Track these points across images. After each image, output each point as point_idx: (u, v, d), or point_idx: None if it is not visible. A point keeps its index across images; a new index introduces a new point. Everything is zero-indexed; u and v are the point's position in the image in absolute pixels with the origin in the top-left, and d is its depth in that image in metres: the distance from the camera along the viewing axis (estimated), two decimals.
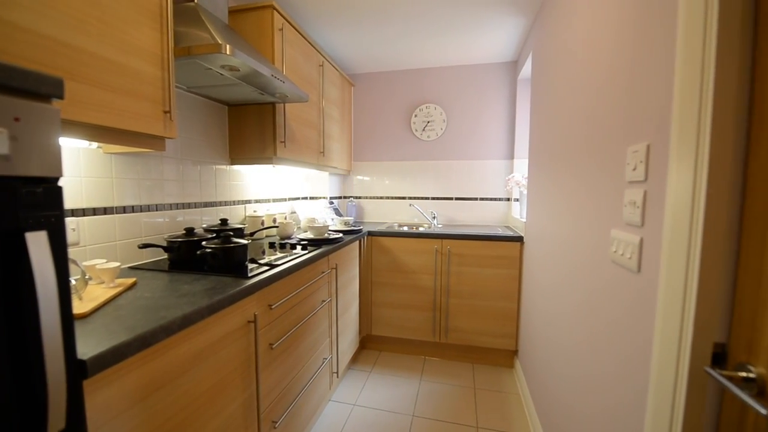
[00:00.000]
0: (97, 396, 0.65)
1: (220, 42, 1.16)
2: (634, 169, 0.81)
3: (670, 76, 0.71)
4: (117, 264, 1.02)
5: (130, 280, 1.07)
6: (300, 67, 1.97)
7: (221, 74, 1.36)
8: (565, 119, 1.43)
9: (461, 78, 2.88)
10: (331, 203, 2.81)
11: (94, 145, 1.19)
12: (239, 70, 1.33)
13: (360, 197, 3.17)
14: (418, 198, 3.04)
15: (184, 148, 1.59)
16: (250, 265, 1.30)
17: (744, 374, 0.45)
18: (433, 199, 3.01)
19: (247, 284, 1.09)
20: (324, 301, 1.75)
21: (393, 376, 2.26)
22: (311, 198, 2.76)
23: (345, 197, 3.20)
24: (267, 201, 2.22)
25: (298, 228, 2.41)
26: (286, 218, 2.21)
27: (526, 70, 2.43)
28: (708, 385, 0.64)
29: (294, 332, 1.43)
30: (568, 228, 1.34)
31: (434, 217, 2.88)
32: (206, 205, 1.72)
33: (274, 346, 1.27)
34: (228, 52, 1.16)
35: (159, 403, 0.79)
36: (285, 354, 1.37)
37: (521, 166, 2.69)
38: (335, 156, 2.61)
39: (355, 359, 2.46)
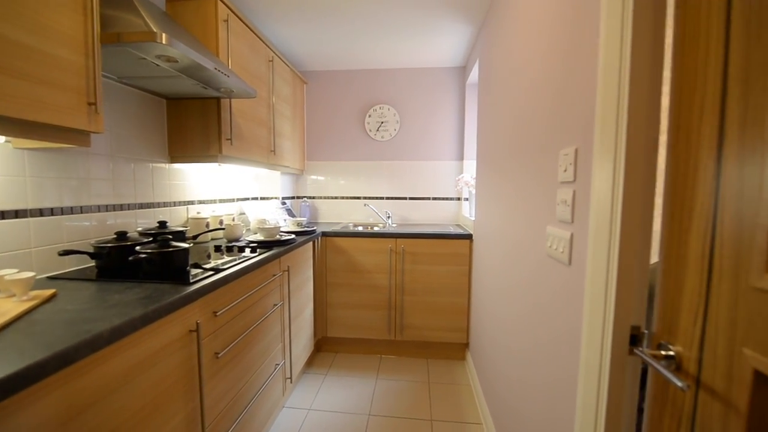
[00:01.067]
0: (6, 424, 0.57)
1: (155, 30, 1.07)
2: (565, 171, 0.89)
3: (594, 87, 0.79)
4: (31, 274, 0.90)
5: (48, 292, 0.95)
6: (247, 62, 1.88)
7: (157, 65, 1.26)
8: (507, 124, 1.52)
9: (414, 80, 2.94)
10: (284, 204, 2.73)
11: (2, 139, 1.04)
12: (178, 62, 1.24)
13: (314, 197, 3.12)
14: (373, 198, 3.06)
15: (116, 144, 1.44)
16: (193, 271, 1.22)
17: (665, 352, 0.52)
18: (388, 198, 3.04)
19: (188, 291, 1.02)
20: (276, 304, 1.69)
21: (349, 377, 2.25)
22: (262, 198, 2.66)
23: (298, 197, 3.13)
24: (213, 202, 2.10)
25: (248, 230, 2.31)
26: (234, 220, 2.10)
27: (474, 75, 2.55)
28: (627, 362, 0.72)
29: (243, 339, 1.37)
30: (511, 225, 1.43)
31: (389, 217, 2.92)
32: (142, 206, 1.58)
33: (220, 355, 1.20)
34: (164, 41, 1.07)
35: (86, 425, 0.71)
36: (233, 362, 1.30)
37: (470, 167, 2.82)
38: (287, 155, 2.54)
39: (310, 363, 2.41)
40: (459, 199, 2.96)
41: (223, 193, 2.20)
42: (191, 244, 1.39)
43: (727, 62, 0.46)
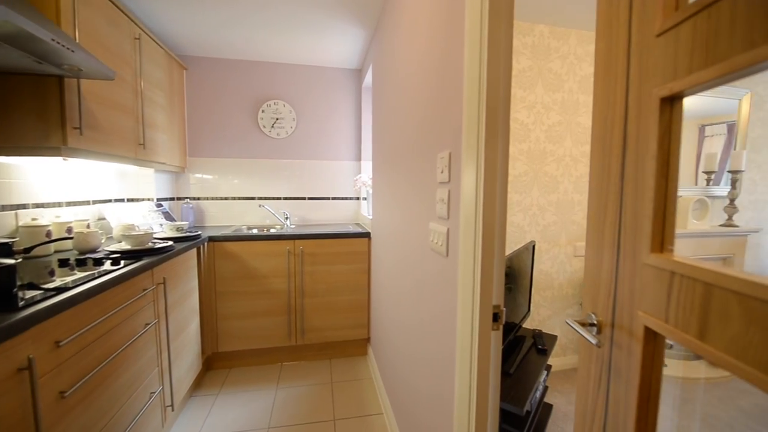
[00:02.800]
0: None
1: None
2: (442, 172, 0.99)
3: (462, 101, 0.89)
4: None
5: None
6: (104, 37, 1.57)
7: None
8: (396, 127, 1.62)
9: (311, 78, 2.89)
10: (160, 206, 2.37)
11: None
12: None
13: (199, 198, 2.79)
14: (270, 198, 2.90)
15: None
16: (27, 293, 0.96)
17: (590, 321, 0.65)
18: (286, 199, 2.92)
19: (13, 320, 0.80)
20: (148, 324, 1.46)
21: (245, 392, 2.09)
22: (130, 200, 2.26)
23: (179, 199, 2.76)
24: (57, 205, 1.69)
25: (109, 238, 1.93)
26: (88, 226, 1.74)
27: (369, 79, 2.64)
28: (491, 335, 0.84)
29: (101, 370, 1.14)
30: (401, 222, 1.53)
31: (287, 218, 2.81)
32: None
33: (67, 394, 0.98)
34: None
35: None
36: (88, 400, 1.08)
37: (368, 168, 2.91)
38: (162, 150, 2.21)
39: (198, 384, 2.16)
40: (358, 198, 3.03)
41: (72, 195, 1.79)
42: (20, 260, 1.09)
43: (627, 100, 0.58)
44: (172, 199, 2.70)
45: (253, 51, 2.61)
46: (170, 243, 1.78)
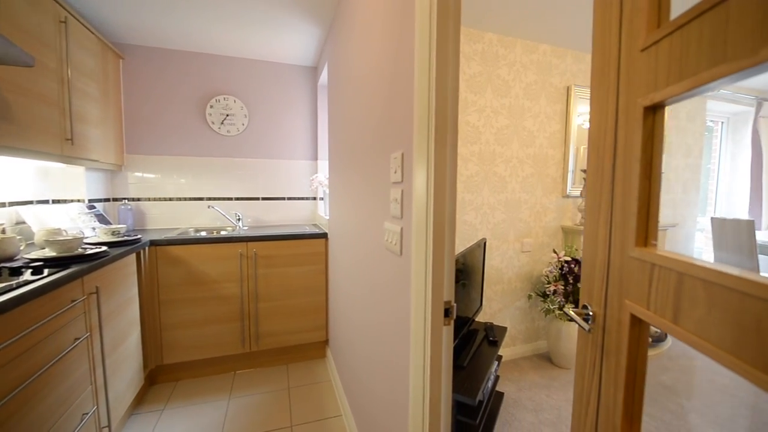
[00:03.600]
0: None
1: None
2: (395, 172, 1.01)
3: (412, 103, 0.91)
4: None
5: None
6: (20, 17, 1.40)
7: None
8: (352, 127, 1.62)
9: (264, 74, 2.78)
10: (92, 208, 2.15)
11: None
12: None
13: (140, 199, 2.58)
14: (221, 199, 2.75)
15: None
16: None
17: (585, 312, 0.70)
18: (238, 199, 2.79)
19: None
20: (79, 338, 1.32)
21: (194, 405, 1.97)
22: (55, 201, 2.03)
23: (116, 200, 2.53)
24: None
25: (30, 244, 1.72)
26: (3, 231, 1.53)
27: (324, 77, 2.60)
28: (443, 330, 0.86)
29: (22, 391, 1.01)
30: (358, 222, 1.53)
31: (239, 219, 2.68)
32: None
33: None
34: None
35: None
36: (5, 428, 0.95)
37: (325, 167, 2.87)
38: (95, 145, 2.01)
39: (140, 401, 1.99)
40: (315, 198, 2.98)
41: None
42: None
43: (617, 108, 0.62)
44: (107, 200, 2.46)
45: (199, 42, 2.46)
46: (104, 248, 1.62)
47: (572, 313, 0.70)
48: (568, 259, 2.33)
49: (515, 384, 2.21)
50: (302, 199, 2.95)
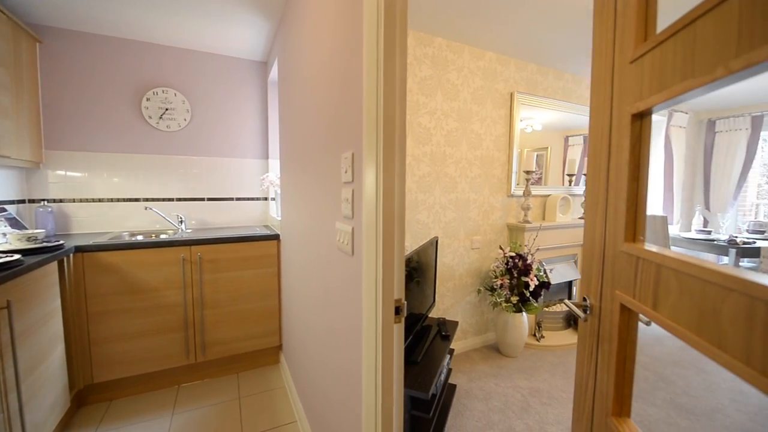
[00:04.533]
0: None
1: None
2: (346, 172, 1.00)
3: (362, 103, 0.91)
4: None
5: None
6: None
7: None
8: (303, 125, 1.58)
9: (209, 66, 2.62)
10: (2, 210, 1.88)
11: None
12: None
13: (63, 200, 2.30)
14: (160, 200, 2.55)
15: None
16: None
17: (584, 303, 0.76)
18: (180, 200, 2.60)
19: None
20: None
21: (131, 425, 1.80)
22: None
23: (32, 201, 2.23)
24: None
25: None
26: None
27: (275, 73, 2.52)
28: (394, 328, 0.88)
29: None
30: (310, 222, 1.50)
31: (182, 222, 2.50)
32: None
33: None
34: None
35: None
36: None
37: (276, 166, 2.78)
38: (5, 140, 1.76)
39: (65, 426, 1.78)
40: (266, 198, 2.87)
41: None
42: None
43: (611, 115, 0.65)
44: (22, 201, 2.17)
45: (134, 28, 2.25)
46: (17, 257, 1.43)
47: (571, 304, 0.76)
48: (513, 254, 2.48)
49: (467, 375, 2.31)
50: (252, 199, 2.83)
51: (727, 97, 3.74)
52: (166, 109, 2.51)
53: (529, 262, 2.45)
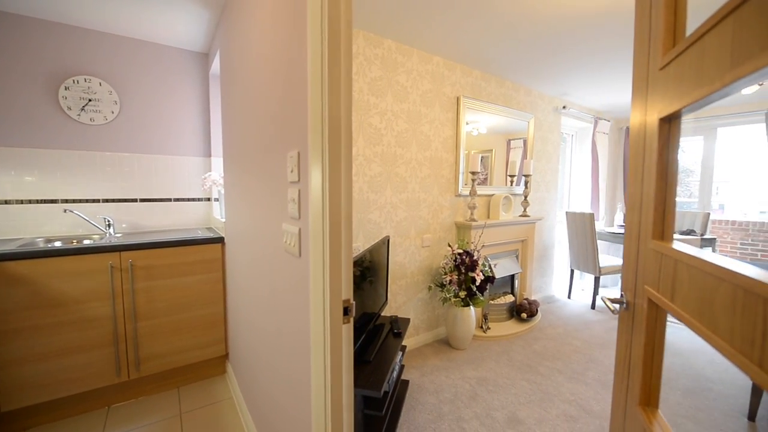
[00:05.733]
0: None
1: None
2: (292, 171, 0.98)
3: (307, 100, 0.89)
4: None
5: None
6: None
7: None
8: (248, 122, 1.51)
9: (143, 56, 2.39)
10: None
11: None
12: None
13: None
14: (82, 201, 2.28)
15: None
16: None
17: (620, 299, 0.80)
18: (107, 201, 2.35)
19: None
20: None
21: None
22: None
23: None
24: None
25: None
26: None
27: (217, 66, 2.38)
28: (343, 328, 0.87)
29: None
30: (256, 224, 1.44)
31: (110, 225, 2.26)
32: None
33: None
34: None
35: None
36: None
37: (219, 164, 2.62)
38: None
39: None
40: (209, 199, 2.70)
41: None
42: None
43: (646, 120, 0.68)
44: None
45: (46, 7, 1.99)
46: None
47: (607, 301, 0.81)
48: (461, 251, 2.59)
49: (419, 370, 2.37)
50: (194, 200, 2.64)
51: None
52: (89, 100, 2.25)
53: (475, 258, 2.57)
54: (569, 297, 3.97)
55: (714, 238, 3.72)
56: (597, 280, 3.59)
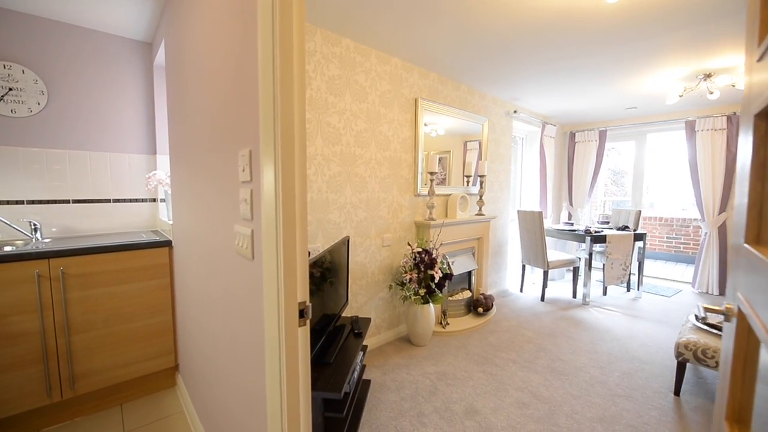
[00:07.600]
0: None
1: None
2: (243, 170, 0.94)
3: (258, 97, 0.86)
4: None
5: None
6: None
7: None
8: (196, 118, 1.43)
9: (76, 42, 2.17)
10: None
11: None
12: None
13: None
14: (2, 202, 2.02)
15: None
16: None
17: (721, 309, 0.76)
18: (33, 203, 2.11)
19: None
20: None
21: None
22: None
23: None
24: None
25: None
26: None
27: (162, 57, 2.22)
28: (298, 331, 0.85)
29: None
30: (206, 226, 1.36)
31: (36, 230, 2.03)
32: None
33: None
34: None
35: None
36: None
37: (166, 162, 2.45)
38: None
39: None
40: (155, 200, 2.51)
41: None
42: None
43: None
44: None
45: None
46: None
47: (707, 326, 0.76)
48: (420, 250, 2.65)
49: (380, 369, 2.38)
50: (137, 201, 2.45)
51: (583, 114, 4.60)
52: (10, 89, 2.00)
53: (434, 256, 2.64)
54: (521, 291, 4.21)
55: (645, 233, 4.12)
56: (546, 273, 3.84)
